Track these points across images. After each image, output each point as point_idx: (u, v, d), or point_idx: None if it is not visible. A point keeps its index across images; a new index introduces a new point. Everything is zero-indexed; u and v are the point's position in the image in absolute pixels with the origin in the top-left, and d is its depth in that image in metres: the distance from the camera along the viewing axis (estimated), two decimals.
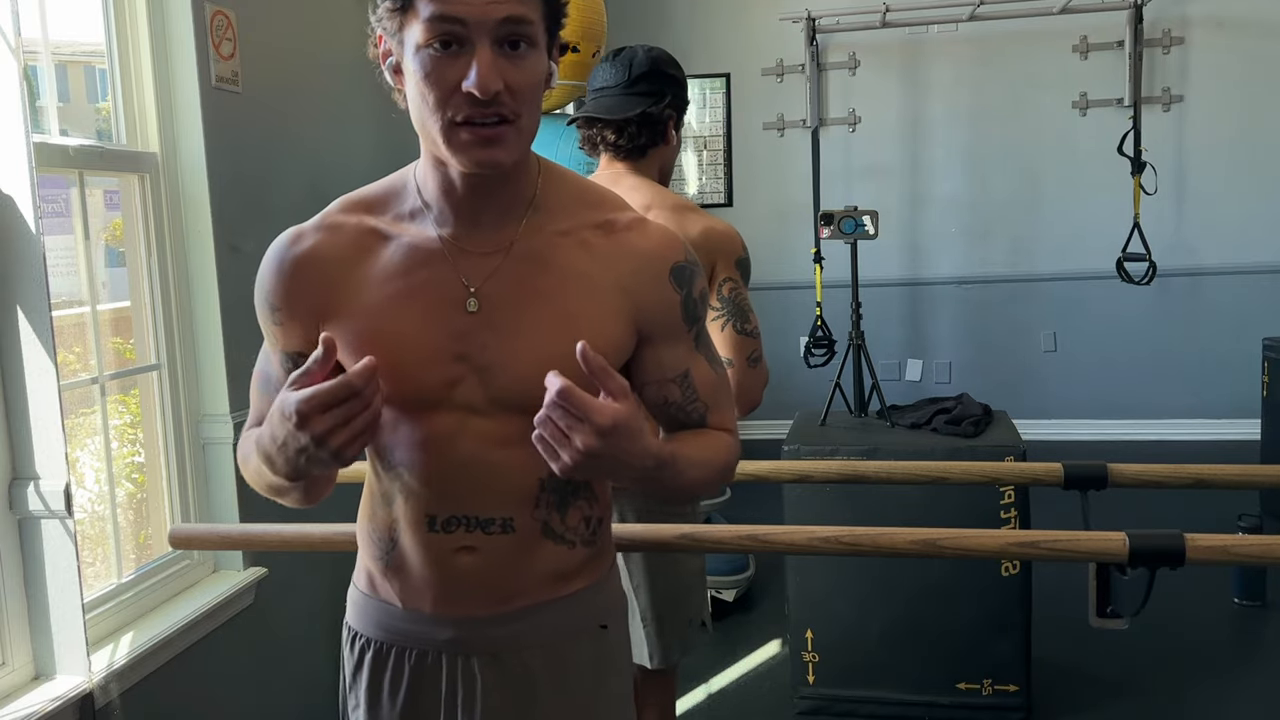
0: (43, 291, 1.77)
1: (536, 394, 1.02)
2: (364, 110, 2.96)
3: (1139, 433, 5.19)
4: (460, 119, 0.99)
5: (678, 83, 1.91)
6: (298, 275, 1.11)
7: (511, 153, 1.02)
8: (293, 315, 1.12)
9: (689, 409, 1.18)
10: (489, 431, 1.09)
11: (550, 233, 1.10)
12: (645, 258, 1.12)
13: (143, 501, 2.28)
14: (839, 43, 5.34)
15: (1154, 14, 4.97)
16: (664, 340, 1.15)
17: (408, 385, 1.08)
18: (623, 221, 1.13)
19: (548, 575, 1.15)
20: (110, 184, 2.19)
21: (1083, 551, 1.44)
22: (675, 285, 1.14)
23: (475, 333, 1.08)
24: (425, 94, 1.00)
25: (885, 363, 5.10)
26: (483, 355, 1.08)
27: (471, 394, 1.08)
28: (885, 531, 1.49)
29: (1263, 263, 5.06)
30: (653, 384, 1.17)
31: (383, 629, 1.19)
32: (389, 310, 1.08)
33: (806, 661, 2.84)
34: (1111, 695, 2.91)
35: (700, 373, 1.19)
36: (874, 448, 2.76)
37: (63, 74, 2.21)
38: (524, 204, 1.11)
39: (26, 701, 1.79)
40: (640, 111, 1.84)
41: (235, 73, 2.32)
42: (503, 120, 0.99)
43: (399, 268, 1.09)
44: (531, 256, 1.09)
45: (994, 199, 5.32)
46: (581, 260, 1.10)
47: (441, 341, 1.08)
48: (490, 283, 1.08)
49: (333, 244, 1.11)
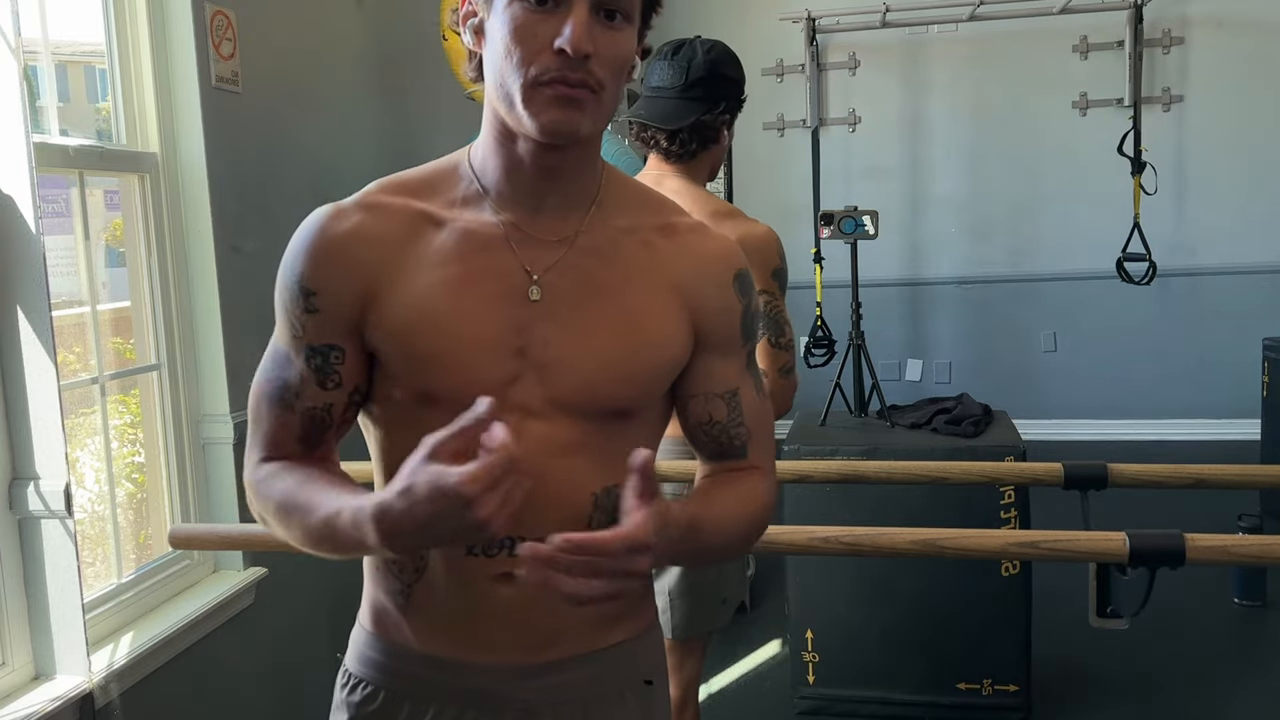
0: (43, 291, 1.77)
1: (599, 395, 0.99)
2: (364, 110, 2.96)
3: (1139, 433, 5.19)
4: (546, 77, 0.92)
5: (735, 84, 1.90)
6: (341, 254, 1.00)
7: (590, 122, 0.95)
8: (332, 300, 0.99)
9: (733, 432, 1.09)
10: (545, 436, 0.99)
11: (614, 228, 1.04)
12: (709, 261, 1.07)
13: (143, 501, 2.28)
14: (839, 43, 5.35)
15: (1154, 14, 4.97)
16: (719, 350, 1.07)
17: (461, 379, 0.97)
18: (685, 225, 1.08)
19: (590, 618, 1.03)
20: (110, 184, 2.19)
21: (1083, 551, 1.44)
22: (739, 293, 1.08)
23: (536, 325, 0.99)
24: (511, 49, 0.93)
25: (885, 363, 5.10)
26: (544, 351, 0.99)
27: (529, 394, 0.99)
28: (885, 531, 1.49)
29: (1263, 263, 5.06)
30: (700, 397, 1.08)
31: (392, 675, 1.05)
32: (444, 296, 0.98)
33: (806, 661, 2.84)
34: (1111, 695, 2.91)
35: (748, 397, 1.11)
36: (874, 448, 2.76)
37: (63, 74, 2.21)
38: (589, 197, 1.04)
39: (26, 701, 1.79)
40: (694, 120, 1.84)
41: (235, 73, 2.32)
42: (588, 88, 0.93)
43: (455, 252, 0.99)
44: (595, 250, 1.02)
45: (994, 199, 5.33)
46: (644, 260, 1.04)
47: (501, 332, 0.98)
48: (553, 273, 1.00)
49: (379, 223, 1.01)
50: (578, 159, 1.01)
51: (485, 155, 1.02)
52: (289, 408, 1.02)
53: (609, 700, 1.07)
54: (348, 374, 1.01)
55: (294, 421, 1.02)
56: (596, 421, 1.00)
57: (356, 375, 1.02)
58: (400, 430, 1.01)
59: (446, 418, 0.90)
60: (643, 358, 1.01)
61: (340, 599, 2.67)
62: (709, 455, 1.12)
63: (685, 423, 1.10)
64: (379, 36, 3.03)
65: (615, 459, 0.98)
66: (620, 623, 1.07)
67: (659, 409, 1.08)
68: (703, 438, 1.10)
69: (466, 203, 1.02)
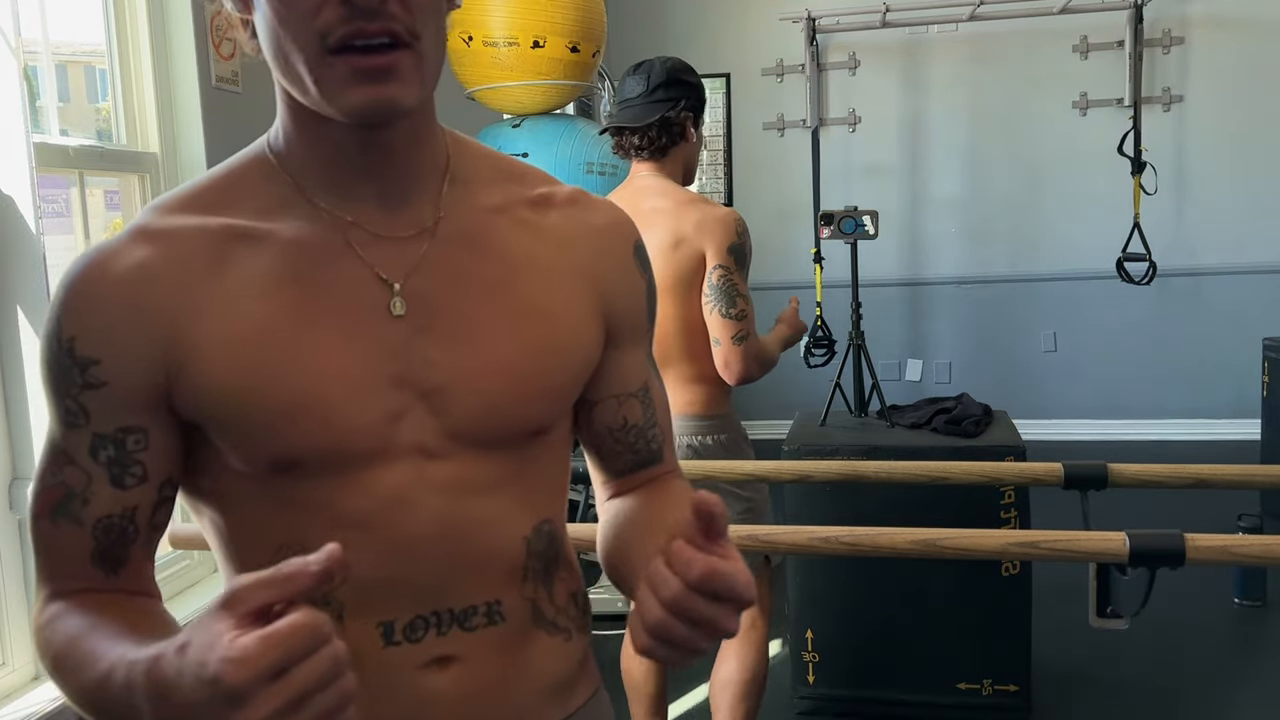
0: (43, 291, 1.77)
1: (506, 417, 0.80)
2: None
3: (1139, 433, 5.19)
4: (334, 41, 0.70)
5: (693, 86, 2.15)
6: (124, 304, 0.74)
7: (411, 89, 0.72)
8: (122, 366, 0.74)
9: (649, 434, 0.92)
10: (452, 479, 0.79)
11: (479, 209, 0.83)
12: (604, 235, 0.88)
13: None
14: (839, 43, 5.34)
15: (1154, 14, 4.97)
16: (629, 340, 0.90)
17: (332, 434, 0.75)
18: (562, 195, 0.88)
19: (546, 688, 0.86)
20: (110, 184, 2.19)
21: (1083, 551, 1.44)
22: (640, 268, 0.91)
23: (411, 345, 0.78)
24: (282, 12, 0.71)
25: (885, 363, 5.10)
26: (428, 374, 0.78)
27: (421, 431, 0.78)
28: (885, 531, 1.49)
29: (1263, 263, 5.06)
30: (610, 400, 0.90)
31: None
32: (280, 333, 0.75)
33: (807, 661, 2.84)
34: (1111, 695, 2.91)
35: (656, 391, 0.94)
36: (874, 448, 2.76)
37: (63, 74, 2.21)
38: (438, 174, 0.82)
39: (26, 701, 1.79)
40: (659, 117, 2.09)
41: (235, 73, 2.32)
42: (396, 43, 0.71)
43: (284, 273, 0.76)
44: (464, 238, 0.81)
45: (994, 199, 5.33)
46: (527, 242, 0.84)
47: (369, 363, 0.77)
48: (417, 276, 0.79)
49: (168, 256, 0.76)
50: (412, 126, 0.79)
51: (291, 143, 0.79)
52: (76, 521, 0.76)
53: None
54: (154, 463, 0.77)
55: (84, 540, 0.77)
56: (509, 449, 0.81)
57: (166, 463, 0.78)
58: (252, 504, 0.78)
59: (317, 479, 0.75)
60: (552, 362, 0.82)
61: None
62: (623, 467, 0.93)
63: (590, 430, 0.91)
64: None
65: (538, 490, 0.84)
66: (576, 686, 0.90)
67: (568, 423, 0.90)
68: (615, 447, 0.92)
69: (282, 206, 0.79)
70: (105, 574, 0.78)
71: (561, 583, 0.87)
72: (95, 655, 0.69)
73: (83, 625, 0.73)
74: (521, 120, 2.99)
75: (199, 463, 0.79)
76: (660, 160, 2.14)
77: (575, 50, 2.89)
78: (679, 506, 0.85)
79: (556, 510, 0.88)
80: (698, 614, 0.64)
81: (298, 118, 0.78)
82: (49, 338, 0.76)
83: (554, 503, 0.87)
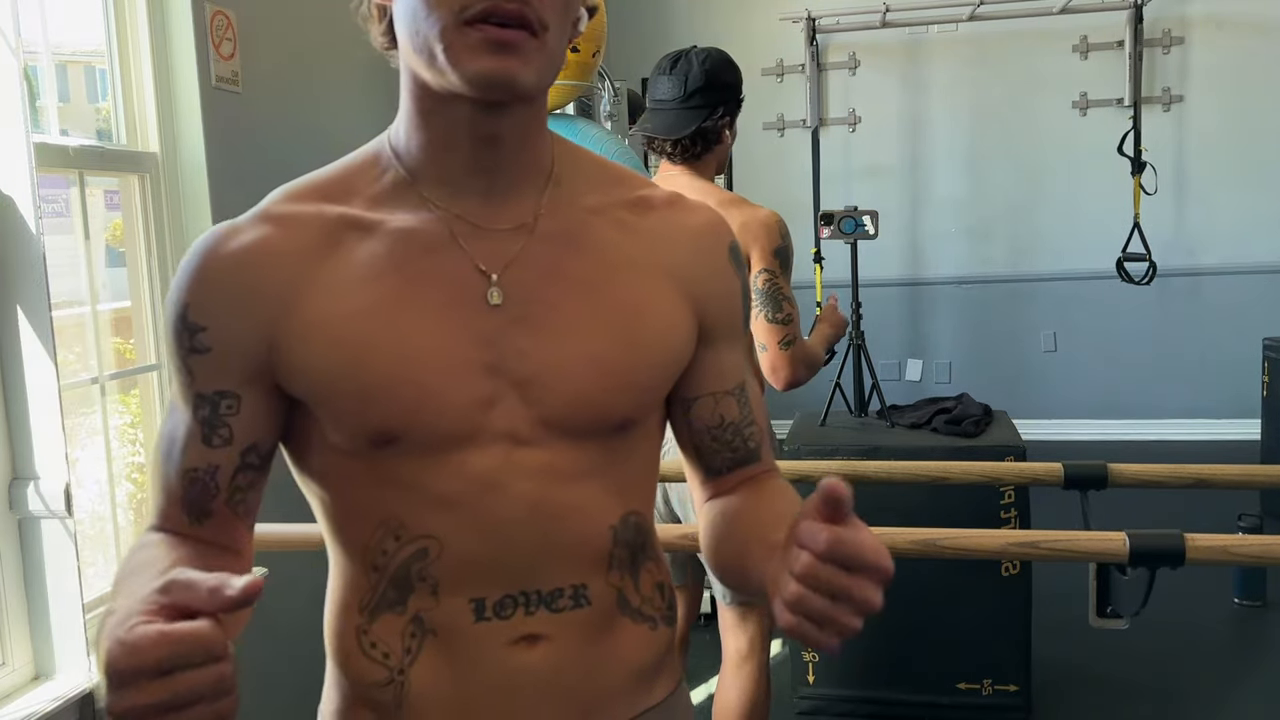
0: (43, 291, 1.77)
1: (597, 408, 0.83)
2: (364, 110, 2.96)
3: (1139, 433, 5.19)
4: (473, 13, 0.74)
5: (732, 88, 2.03)
6: (235, 279, 0.80)
7: (530, 69, 0.76)
8: (226, 336, 0.81)
9: (746, 433, 0.93)
10: (545, 467, 0.82)
11: (579, 209, 0.86)
12: (699, 236, 0.90)
13: (143, 501, 2.28)
14: (839, 43, 5.35)
15: (1154, 14, 4.97)
16: (725, 340, 0.92)
17: (424, 413, 0.79)
18: (659, 198, 0.91)
19: (630, 673, 0.88)
20: (110, 184, 2.19)
21: (1083, 551, 1.44)
22: (735, 269, 0.93)
23: (505, 335, 0.81)
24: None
25: (885, 363, 5.10)
26: (520, 364, 0.81)
27: (513, 418, 0.81)
28: (885, 531, 1.49)
29: (1263, 263, 5.06)
30: (707, 398, 0.91)
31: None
32: (382, 313, 0.79)
33: (807, 661, 2.84)
34: (1111, 695, 2.91)
35: (754, 390, 0.95)
36: (874, 448, 2.76)
37: (63, 74, 2.21)
38: (543, 174, 0.86)
39: (26, 701, 1.79)
40: (695, 129, 1.98)
41: (235, 73, 2.32)
42: (527, 28, 0.75)
43: (390, 260, 0.81)
44: (562, 236, 0.85)
45: (994, 199, 5.33)
46: (624, 243, 0.87)
47: (463, 348, 0.80)
48: (515, 269, 0.82)
49: (285, 238, 0.81)
50: (523, 123, 0.82)
51: (409, 135, 0.84)
52: (174, 468, 0.83)
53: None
54: (241, 429, 0.82)
55: (175, 485, 0.83)
56: (599, 440, 0.84)
57: (253, 430, 0.83)
58: (356, 482, 0.83)
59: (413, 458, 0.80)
60: (643, 358, 0.85)
61: None
62: (721, 465, 0.94)
63: (688, 429, 0.93)
64: None
65: (627, 481, 0.87)
66: (660, 677, 0.91)
67: (659, 417, 0.92)
68: (713, 445, 0.93)
69: (394, 197, 0.84)
70: (190, 521, 0.83)
71: (648, 573, 0.89)
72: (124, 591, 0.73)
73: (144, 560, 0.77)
74: None
75: (308, 442, 0.84)
76: (695, 164, 2.05)
77: (575, 50, 2.89)
78: (788, 501, 0.87)
79: (644, 503, 0.90)
80: (833, 584, 0.66)
81: (419, 105, 0.82)
82: (170, 301, 0.84)
83: (641, 495, 0.90)
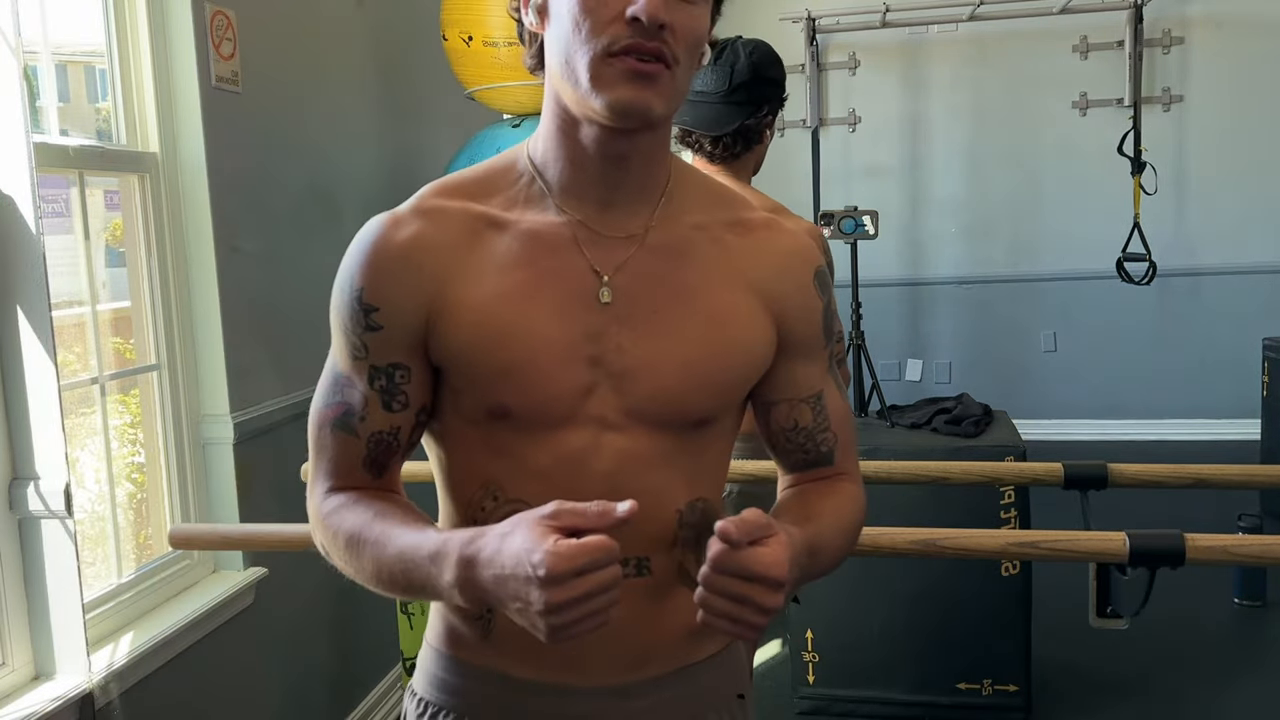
0: (43, 291, 1.77)
1: (678, 404, 0.94)
2: (364, 110, 2.96)
3: (1139, 433, 5.19)
4: (618, 46, 0.86)
5: (777, 85, 1.92)
6: (402, 265, 0.93)
7: (663, 101, 0.88)
8: (396, 316, 0.93)
9: (819, 438, 1.05)
10: (626, 450, 0.94)
11: (685, 224, 0.98)
12: (788, 258, 1.01)
13: (143, 501, 2.28)
14: (839, 43, 5.35)
15: (1154, 14, 4.97)
16: (802, 353, 1.02)
17: (535, 391, 0.92)
18: (758, 220, 1.02)
19: (684, 633, 0.99)
20: (110, 184, 2.19)
21: (1083, 551, 1.44)
22: (819, 291, 1.03)
23: (609, 331, 0.93)
24: (580, 21, 0.87)
25: (885, 363, 5.10)
26: (619, 358, 0.93)
27: (605, 405, 0.93)
28: (885, 531, 1.49)
29: (1263, 263, 5.07)
30: (784, 403, 1.03)
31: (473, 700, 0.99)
32: (512, 303, 0.92)
33: (807, 661, 2.84)
34: (1111, 695, 2.91)
35: (833, 399, 1.06)
36: (874, 448, 2.76)
37: (63, 74, 2.21)
38: (658, 190, 0.98)
39: (26, 701, 1.78)
40: (738, 125, 1.86)
41: (235, 73, 2.32)
42: (662, 62, 0.87)
43: (521, 255, 0.93)
44: (668, 248, 0.96)
45: (994, 199, 5.33)
46: (719, 257, 0.98)
47: (574, 340, 0.93)
48: (624, 273, 0.94)
49: (439, 229, 0.94)
50: (648, 146, 0.94)
51: (546, 148, 0.96)
52: (354, 433, 0.96)
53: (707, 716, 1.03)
54: (414, 394, 0.96)
55: (359, 448, 0.96)
56: (676, 431, 0.95)
57: (423, 394, 0.96)
58: (469, 447, 0.97)
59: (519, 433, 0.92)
60: (725, 363, 0.96)
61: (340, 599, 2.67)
62: (795, 464, 1.07)
63: (767, 430, 1.06)
64: (379, 36, 3.03)
65: (698, 471, 0.98)
66: (711, 635, 1.01)
67: (735, 418, 1.04)
68: (787, 445, 1.05)
69: (528, 201, 0.96)
70: (373, 477, 0.98)
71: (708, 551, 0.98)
72: (390, 536, 0.90)
73: (370, 513, 0.93)
74: (521, 120, 2.99)
75: (440, 409, 0.98)
76: (732, 164, 1.92)
77: None
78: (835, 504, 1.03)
79: (712, 490, 1.01)
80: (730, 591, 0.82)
81: (559, 123, 0.94)
82: (343, 285, 0.95)
83: (711, 485, 1.01)
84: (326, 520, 0.96)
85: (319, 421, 0.98)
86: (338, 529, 0.95)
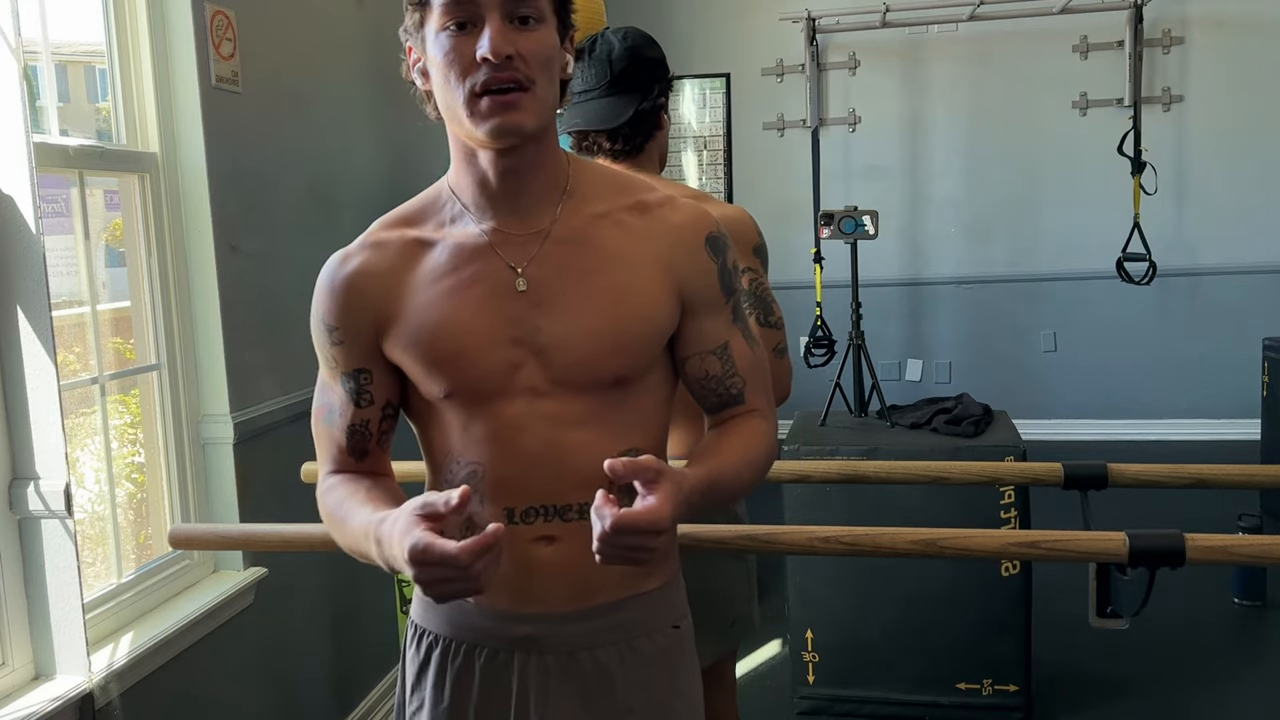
0: (43, 291, 1.77)
1: (594, 369, 1.11)
2: (364, 110, 2.96)
3: (1139, 433, 5.19)
4: (479, 87, 1.05)
5: (660, 64, 1.80)
6: (350, 292, 1.16)
7: (530, 117, 1.07)
8: (351, 332, 1.16)
9: (728, 383, 1.22)
10: (557, 414, 1.13)
11: (587, 215, 1.15)
12: (680, 230, 1.18)
13: (143, 501, 2.28)
14: (839, 43, 5.34)
15: (1154, 14, 4.97)
16: (704, 311, 1.19)
17: (471, 373, 1.12)
18: (654, 200, 1.19)
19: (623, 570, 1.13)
20: (110, 184, 2.19)
21: (1083, 551, 1.44)
22: (711, 254, 1.19)
23: (528, 316, 1.12)
24: (447, 73, 1.06)
25: (885, 363, 5.10)
26: (538, 337, 1.12)
27: (534, 377, 1.12)
28: (885, 531, 1.49)
29: (1263, 263, 5.06)
30: (694, 357, 1.20)
31: (455, 626, 1.21)
32: (442, 305, 1.12)
33: (807, 661, 2.84)
34: (1111, 695, 2.91)
35: (739, 347, 1.22)
36: (874, 448, 2.76)
37: (63, 74, 2.21)
38: (558, 191, 1.16)
39: (26, 701, 1.78)
40: (633, 113, 1.75)
41: (235, 73, 2.32)
42: (519, 86, 1.05)
43: (447, 266, 1.14)
44: (571, 238, 1.14)
45: (994, 199, 5.33)
46: (620, 239, 1.15)
47: (497, 326, 1.12)
48: (534, 265, 1.13)
49: (380, 258, 1.16)
50: (535, 156, 1.12)
51: (458, 175, 1.16)
52: (334, 427, 1.21)
53: (639, 641, 1.20)
54: (378, 391, 1.18)
55: (341, 438, 1.20)
56: (599, 392, 1.13)
57: (386, 391, 1.19)
58: (434, 423, 1.18)
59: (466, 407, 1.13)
60: (629, 328, 1.13)
61: (340, 599, 2.67)
62: (711, 408, 1.24)
63: (687, 382, 1.22)
64: (379, 36, 3.03)
65: (625, 425, 1.16)
66: (651, 575, 1.21)
67: (660, 374, 1.20)
68: (703, 393, 1.22)
69: (453, 220, 1.16)
70: (355, 460, 1.22)
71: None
72: (352, 514, 1.14)
73: (344, 493, 1.18)
74: None
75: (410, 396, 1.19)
76: (636, 159, 1.79)
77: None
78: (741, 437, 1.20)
79: (646, 442, 1.17)
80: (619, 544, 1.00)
81: (462, 154, 1.14)
82: (313, 311, 1.19)
83: (643, 436, 1.18)
84: (322, 500, 1.21)
85: (314, 419, 1.23)
86: (325, 506, 1.20)
